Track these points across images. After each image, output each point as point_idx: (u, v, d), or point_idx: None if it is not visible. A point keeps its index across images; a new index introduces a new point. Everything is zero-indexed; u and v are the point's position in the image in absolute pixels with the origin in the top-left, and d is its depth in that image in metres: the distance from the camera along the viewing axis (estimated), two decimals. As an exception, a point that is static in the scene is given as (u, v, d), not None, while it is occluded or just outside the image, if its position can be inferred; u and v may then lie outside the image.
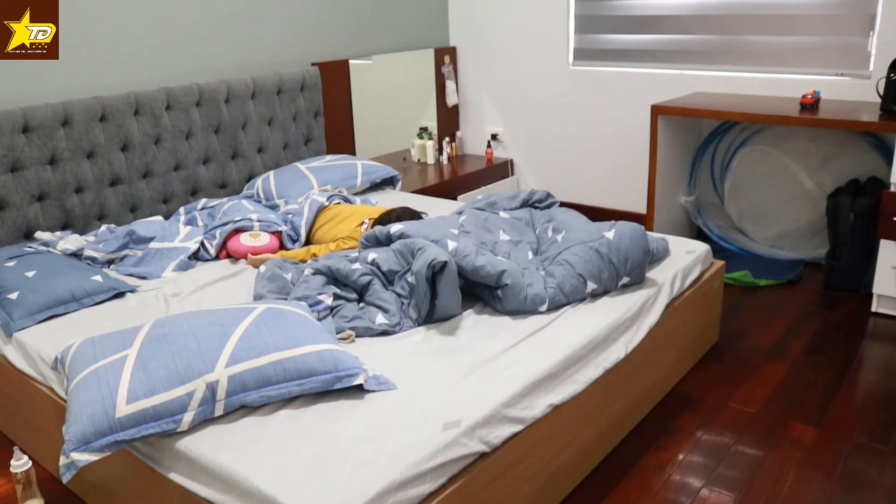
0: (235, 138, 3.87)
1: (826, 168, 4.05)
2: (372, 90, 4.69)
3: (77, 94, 3.31)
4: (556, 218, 2.95)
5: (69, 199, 3.24)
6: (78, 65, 3.33)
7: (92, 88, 3.37)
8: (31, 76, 3.18)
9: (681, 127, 4.15)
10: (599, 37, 4.68)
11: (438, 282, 2.35)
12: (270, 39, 4.10)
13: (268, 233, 3.18)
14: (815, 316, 3.50)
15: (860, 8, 3.78)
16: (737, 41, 4.18)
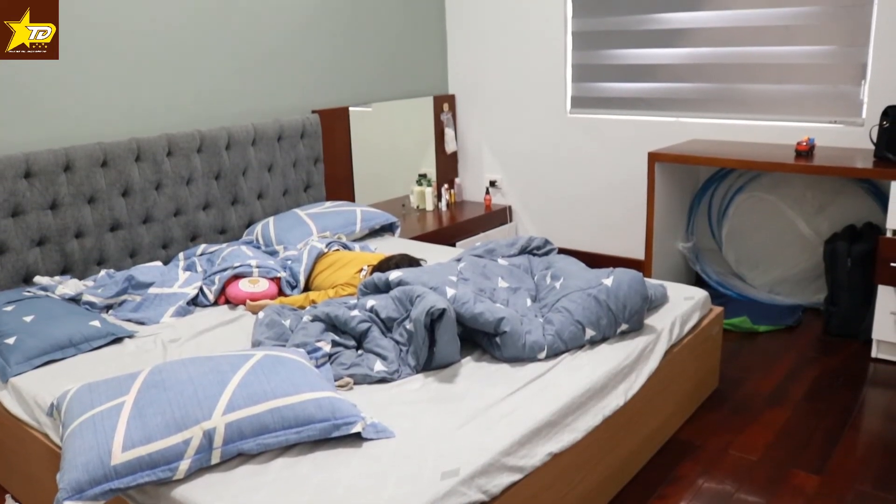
0: (236, 184, 3.90)
1: (822, 214, 4.08)
2: (371, 137, 4.73)
3: (79, 139, 3.35)
4: (554, 265, 2.96)
5: (69, 244, 3.25)
6: (81, 110, 3.37)
7: (94, 134, 3.41)
8: (34, 122, 3.21)
9: (678, 174, 4.18)
10: (597, 85, 4.74)
11: (437, 329, 2.35)
12: (271, 87, 4.16)
13: (267, 279, 3.19)
14: (815, 362, 3.49)
15: (851, 57, 3.85)
16: (732, 89, 4.24)
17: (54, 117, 3.28)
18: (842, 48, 3.88)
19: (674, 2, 4.32)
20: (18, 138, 3.17)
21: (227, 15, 3.89)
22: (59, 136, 3.29)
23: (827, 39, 3.91)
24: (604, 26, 4.62)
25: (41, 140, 3.23)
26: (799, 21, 3.96)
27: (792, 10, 3.96)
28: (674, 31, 4.37)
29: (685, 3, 4.28)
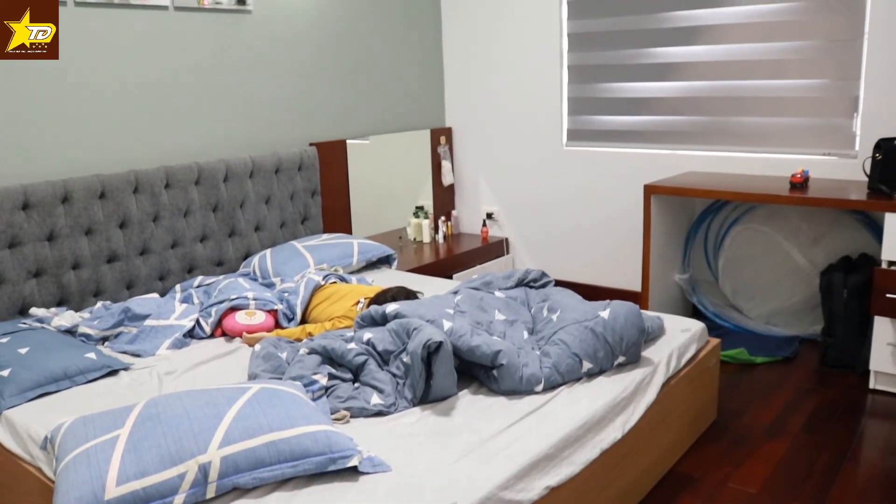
0: (233, 216, 3.91)
1: (818, 245, 4.09)
2: (369, 170, 4.76)
3: (78, 171, 3.36)
4: (551, 297, 2.96)
5: (66, 276, 3.25)
6: (80, 143, 3.39)
7: (93, 166, 3.42)
8: (33, 154, 3.23)
9: (674, 206, 4.20)
10: (592, 118, 4.78)
11: (434, 362, 2.34)
12: (269, 120, 4.19)
13: (263, 311, 3.18)
14: (813, 393, 3.48)
15: (844, 91, 3.89)
16: (727, 122, 4.28)
17: (53, 150, 3.30)
18: (834, 82, 3.92)
19: (668, 37, 4.37)
20: (17, 170, 3.18)
21: (226, 48, 3.93)
22: (57, 169, 3.31)
23: (819, 73, 3.96)
24: (599, 60, 4.67)
25: (40, 172, 3.25)
26: (792, 55, 4.01)
27: (784, 44, 4.01)
28: (669, 66, 4.42)
29: (680, 38, 4.33)
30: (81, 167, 3.39)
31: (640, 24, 4.46)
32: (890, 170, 3.45)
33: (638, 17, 4.46)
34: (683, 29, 4.31)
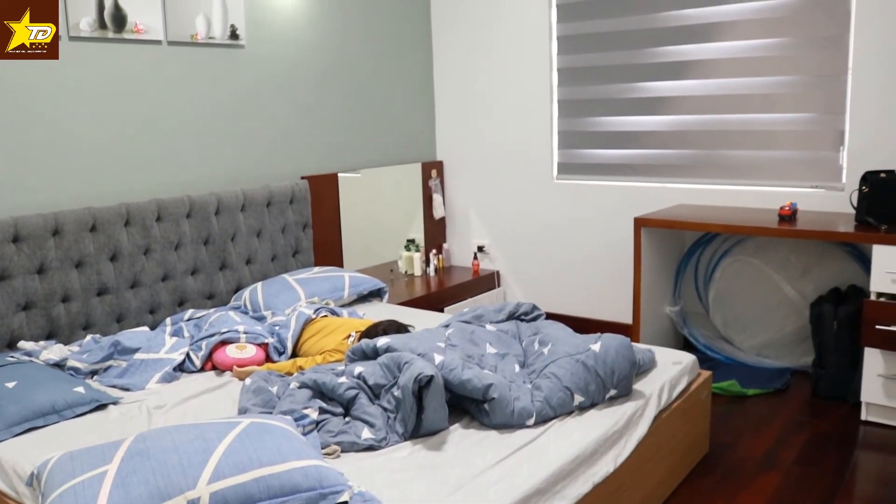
0: (224, 250, 3.91)
1: (807, 277, 4.12)
2: (360, 203, 4.77)
3: (69, 204, 3.37)
4: (542, 330, 2.96)
5: (55, 309, 3.24)
6: (71, 176, 3.40)
7: (84, 199, 3.43)
8: (24, 186, 3.24)
9: (664, 238, 4.22)
10: (583, 152, 4.82)
11: (425, 396, 2.34)
12: (261, 153, 4.21)
13: (254, 345, 3.17)
14: (805, 425, 3.47)
15: (830, 124, 3.94)
16: (715, 155, 4.32)
17: (44, 182, 3.31)
18: (820, 115, 3.98)
19: (657, 71, 4.43)
20: (8, 203, 3.18)
21: (219, 83, 3.96)
22: (48, 201, 3.31)
23: (806, 107, 4.01)
24: (589, 94, 4.72)
25: (30, 205, 3.25)
26: (778, 90, 4.07)
27: (771, 79, 4.07)
28: (658, 100, 4.47)
29: (669, 73, 4.39)
30: (73, 200, 3.39)
31: (630, 59, 4.52)
32: (876, 202, 3.49)
33: (627, 52, 4.52)
34: (672, 64, 4.38)
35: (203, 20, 3.83)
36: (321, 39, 4.51)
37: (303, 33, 4.39)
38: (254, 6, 4.10)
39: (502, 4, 4.92)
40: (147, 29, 3.60)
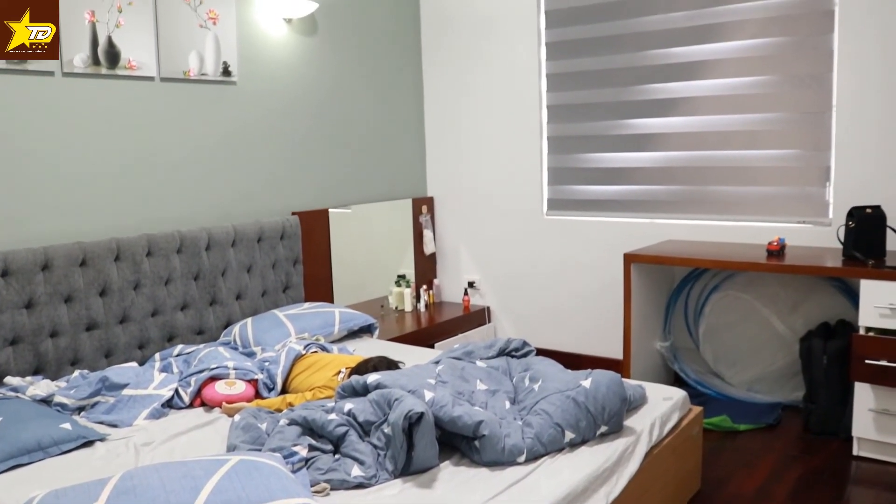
0: (214, 285, 3.90)
1: (796, 312, 4.13)
2: (351, 238, 4.78)
3: (59, 238, 3.36)
4: (532, 367, 2.96)
5: (43, 344, 3.21)
6: (61, 210, 3.40)
7: (74, 234, 3.42)
8: (14, 220, 3.23)
9: (654, 274, 4.24)
10: (572, 188, 4.86)
11: (415, 433, 2.32)
12: (252, 189, 4.22)
13: (243, 381, 3.15)
14: (797, 461, 3.46)
15: (816, 160, 3.99)
16: (704, 191, 4.36)
17: (35, 216, 3.31)
18: (806, 152, 4.03)
19: (646, 108, 4.49)
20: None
21: (211, 118, 3.99)
22: (38, 235, 3.30)
23: (792, 144, 4.07)
24: (578, 131, 4.77)
25: (20, 239, 3.24)
26: (765, 126, 4.13)
27: (757, 116, 4.13)
28: (646, 136, 4.52)
29: (657, 110, 4.45)
30: (63, 234, 3.39)
31: (618, 96, 4.58)
32: (863, 237, 3.53)
33: (615, 89, 4.58)
34: (660, 101, 4.43)
35: (196, 57, 3.87)
36: (312, 76, 4.55)
37: (294, 70, 4.43)
38: (246, 43, 4.14)
39: (492, 42, 4.99)
40: (140, 65, 3.63)
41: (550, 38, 4.81)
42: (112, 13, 3.49)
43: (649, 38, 4.43)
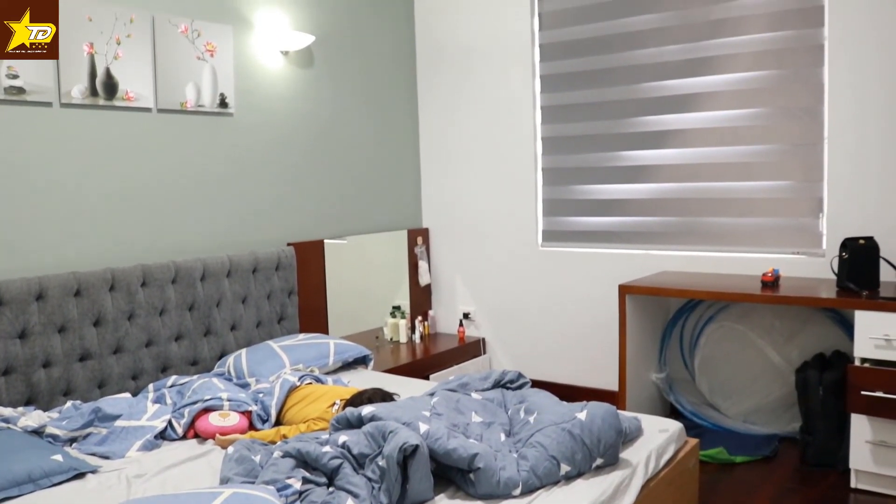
0: (209, 315, 3.89)
1: (791, 343, 4.14)
2: (346, 269, 4.78)
3: (54, 268, 3.36)
4: (527, 399, 2.95)
5: (36, 374, 3.19)
6: (56, 240, 3.40)
7: (69, 264, 3.42)
8: (9, 250, 3.23)
9: (649, 305, 4.24)
10: (567, 219, 4.88)
11: (410, 465, 2.31)
12: (247, 220, 4.23)
13: (237, 412, 3.13)
14: (795, 493, 3.45)
15: (808, 192, 4.02)
16: (698, 223, 4.38)
17: (30, 246, 3.31)
18: (799, 183, 4.06)
19: (640, 140, 4.52)
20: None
21: (207, 150, 4.01)
22: (33, 265, 3.30)
23: (784, 175, 4.10)
24: (573, 163, 4.80)
25: (15, 269, 3.24)
26: (758, 158, 4.16)
27: (751, 147, 4.17)
28: (640, 168, 4.56)
29: (650, 142, 4.49)
30: (58, 264, 3.39)
31: (613, 128, 4.62)
32: (857, 268, 3.54)
33: (610, 121, 4.62)
34: (654, 133, 4.47)
35: (193, 88, 3.90)
36: (308, 108, 4.58)
37: (290, 102, 4.47)
38: (243, 75, 4.17)
39: (487, 75, 5.04)
40: (137, 96, 3.65)
41: (545, 71, 4.86)
42: (111, 45, 3.52)
43: (643, 70, 4.48)
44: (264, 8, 4.29)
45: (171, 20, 3.78)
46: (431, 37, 5.31)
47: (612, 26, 4.58)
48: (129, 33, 3.60)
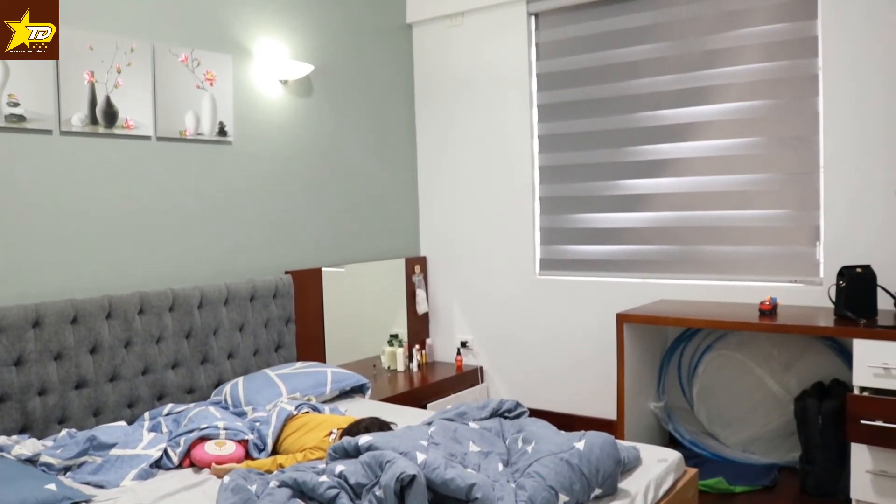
0: (206, 343, 3.88)
1: (790, 371, 4.13)
2: (344, 298, 4.78)
3: (51, 296, 3.35)
4: (525, 428, 2.93)
5: (31, 402, 3.17)
6: (54, 267, 3.39)
7: (67, 291, 3.41)
8: (6, 277, 3.23)
9: (647, 334, 4.24)
10: (565, 248, 4.89)
11: (407, 496, 2.29)
12: (245, 247, 4.23)
13: (234, 441, 3.11)
14: (794, 526, 3.42)
15: (805, 220, 4.04)
16: (695, 251, 4.39)
17: (27, 272, 3.30)
18: (795, 212, 4.08)
19: (637, 169, 4.55)
20: (-11, 295, 3.17)
21: (206, 178, 4.02)
22: (31, 292, 3.29)
23: (781, 204, 4.12)
24: (570, 192, 4.83)
25: (13, 295, 3.23)
26: (754, 187, 4.18)
27: (747, 176, 4.19)
28: (637, 197, 4.58)
29: (647, 171, 4.51)
30: (56, 291, 3.38)
31: (610, 157, 4.65)
32: (854, 296, 3.54)
33: (607, 150, 4.65)
34: (651, 162, 4.50)
35: (192, 117, 3.92)
36: (307, 136, 4.61)
37: (289, 131, 4.49)
38: (242, 104, 4.20)
39: (485, 104, 5.07)
40: (137, 125, 3.67)
41: (542, 101, 4.90)
42: (111, 74, 3.55)
43: (640, 100, 4.52)
44: (264, 38, 4.33)
45: (171, 49, 3.81)
46: (430, 66, 5.35)
47: (609, 56, 4.63)
48: (130, 62, 3.63)
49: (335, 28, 4.81)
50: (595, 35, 4.68)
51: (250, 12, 4.26)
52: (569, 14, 4.78)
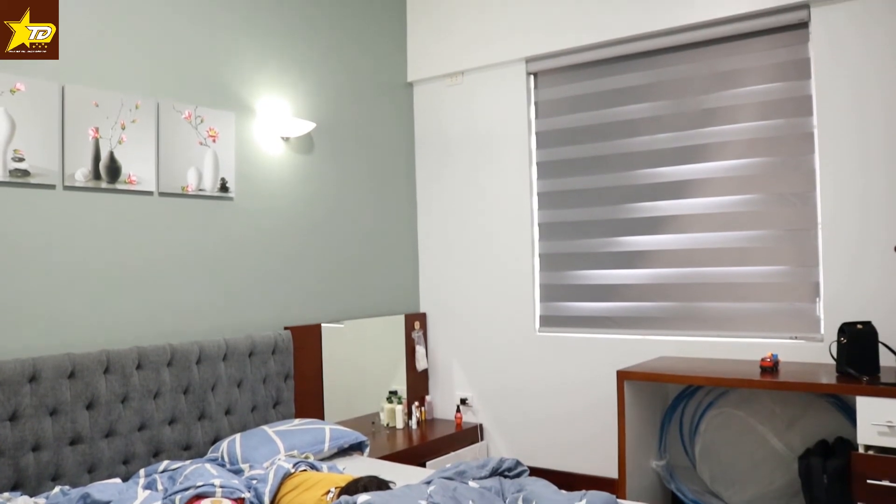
0: (204, 399, 3.84)
1: (793, 429, 4.08)
2: (343, 354, 4.75)
3: (49, 350, 3.33)
4: (525, 487, 2.89)
5: (24, 458, 3.13)
6: (51, 321, 3.39)
7: (64, 345, 3.40)
8: (5, 330, 3.22)
9: (647, 391, 4.21)
10: (564, 304, 4.89)
11: (406, 552, 2.25)
12: (245, 303, 4.23)
13: (230, 499, 3.05)
14: (802, 589, 3.33)
15: (805, 277, 4.05)
16: (695, 308, 4.39)
17: (25, 327, 3.29)
18: (795, 268, 4.09)
19: (635, 226, 4.57)
20: (-14, 350, 3.15)
21: (206, 233, 4.04)
22: (29, 346, 3.28)
23: (780, 260, 4.14)
24: (570, 248, 4.85)
25: (10, 349, 3.22)
26: (753, 243, 4.20)
27: (746, 233, 4.22)
28: (637, 253, 4.60)
29: (646, 228, 4.54)
30: (53, 345, 3.37)
31: (609, 214, 4.68)
32: (855, 353, 3.52)
33: (606, 207, 4.69)
34: (650, 219, 4.53)
35: (194, 173, 3.96)
36: (308, 193, 4.65)
37: (290, 187, 4.53)
38: (244, 160, 4.25)
39: (485, 161, 5.13)
40: (140, 180, 3.71)
41: (541, 158, 4.96)
42: (115, 130, 3.60)
43: (638, 157, 4.57)
44: (266, 95, 4.40)
45: (175, 106, 3.87)
46: (430, 124, 5.43)
47: (608, 115, 4.70)
48: (135, 118, 3.68)
49: (337, 86, 4.89)
50: (593, 94, 4.76)
51: (253, 70, 4.34)
52: (567, 73, 4.88)
